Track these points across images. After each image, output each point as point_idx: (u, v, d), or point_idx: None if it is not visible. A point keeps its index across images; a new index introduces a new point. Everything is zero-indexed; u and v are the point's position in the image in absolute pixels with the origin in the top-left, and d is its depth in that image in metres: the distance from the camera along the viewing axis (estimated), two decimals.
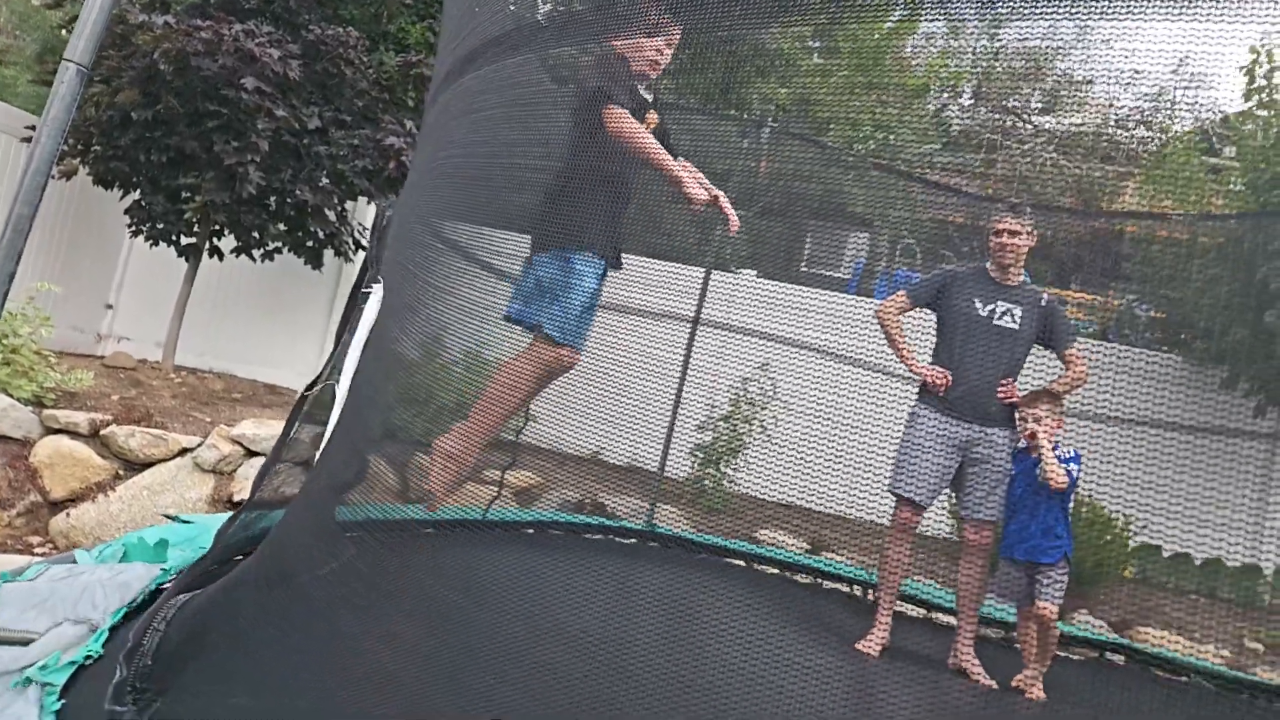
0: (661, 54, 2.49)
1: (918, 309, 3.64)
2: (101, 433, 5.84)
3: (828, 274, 6.78)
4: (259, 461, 5.94)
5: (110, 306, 8.67)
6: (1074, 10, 2.04)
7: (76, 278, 8.04)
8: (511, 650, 2.01)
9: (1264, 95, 5.15)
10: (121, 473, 5.83)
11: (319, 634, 2.19)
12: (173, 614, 2.09)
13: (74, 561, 2.80)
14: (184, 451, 5.95)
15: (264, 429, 6.02)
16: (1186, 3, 1.61)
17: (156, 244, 7.11)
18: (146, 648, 1.96)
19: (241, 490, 5.79)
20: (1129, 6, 1.61)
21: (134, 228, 7.07)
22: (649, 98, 2.56)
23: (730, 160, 5.06)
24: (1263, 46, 4.90)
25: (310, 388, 4.42)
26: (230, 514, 4.56)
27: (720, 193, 2.42)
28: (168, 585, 2.59)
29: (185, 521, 4.16)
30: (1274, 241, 4.42)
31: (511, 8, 2.88)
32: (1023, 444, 3.37)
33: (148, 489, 5.65)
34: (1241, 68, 5.08)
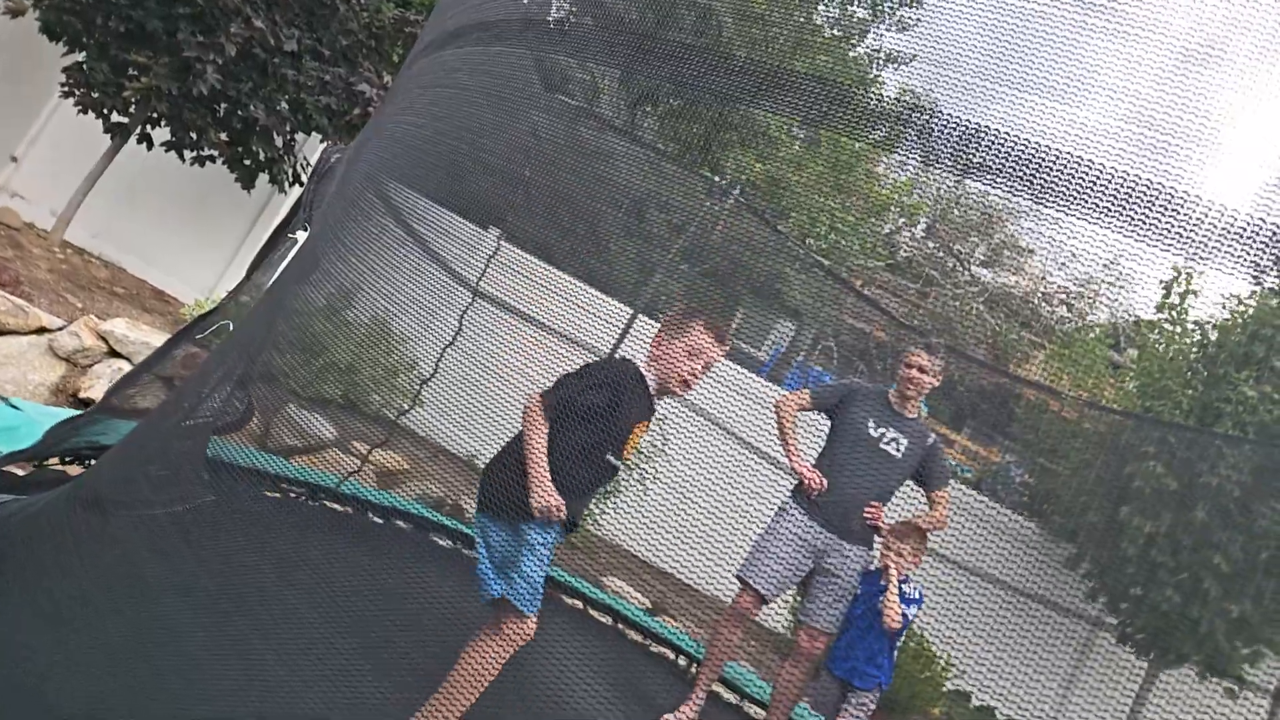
0: (696, 376, 2.42)
1: (816, 411, 3.72)
2: None
3: (748, 350, 6.90)
4: (120, 363, 5.59)
5: (15, 159, 8.10)
6: (1030, 186, 2.15)
7: None
8: (305, 642, 1.91)
9: (1174, 312, 5.53)
10: None
11: (117, 567, 2.06)
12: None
13: None
14: (43, 330, 5.56)
15: (136, 332, 5.68)
16: (1121, 217, 1.71)
17: (85, 112, 6.69)
18: None
19: (91, 388, 5.43)
20: (1071, 205, 1.70)
21: (67, 89, 6.64)
22: (655, 408, 2.46)
23: (690, 213, 5.11)
24: (1185, 267, 5.27)
25: (207, 316, 4.19)
26: (71, 413, 4.27)
27: (561, 505, 2.26)
28: None
29: (14, 407, 3.86)
30: (1146, 444, 4.71)
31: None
32: (874, 567, 3.45)
33: None
34: (1162, 281, 5.44)
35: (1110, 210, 2.01)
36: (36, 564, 2.10)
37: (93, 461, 3.15)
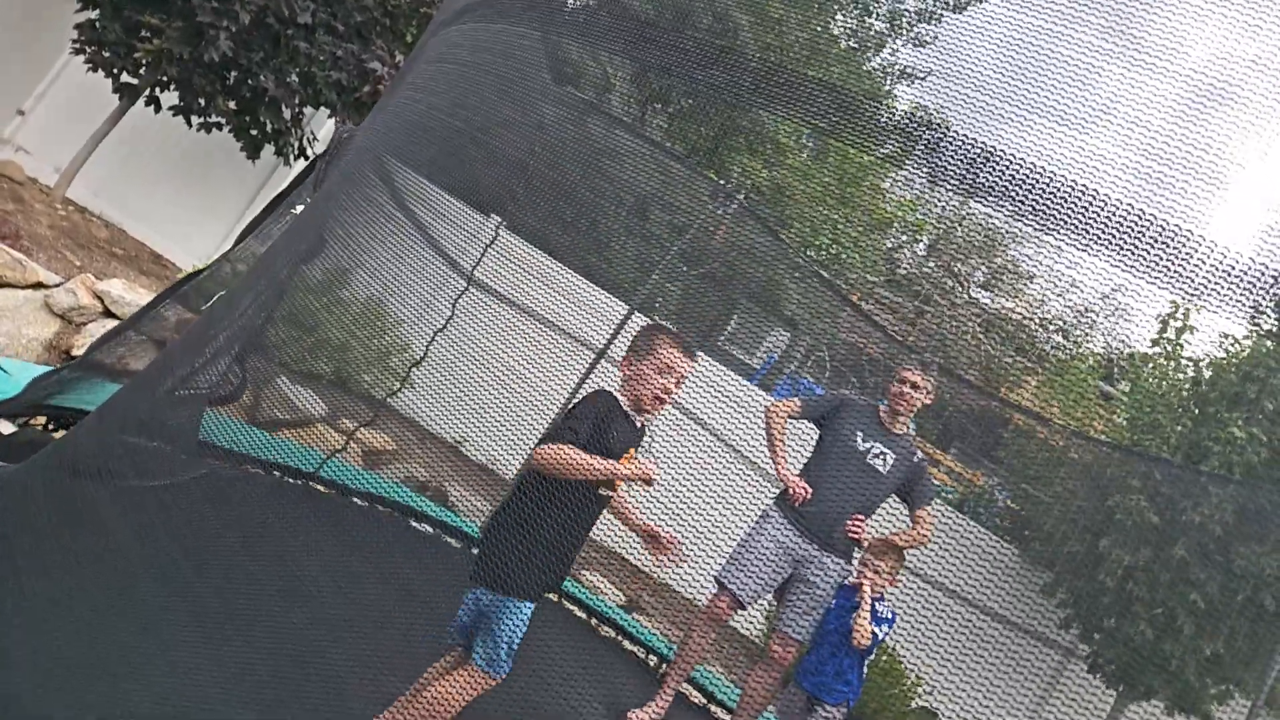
0: (669, 392, 2.41)
1: (805, 420, 3.71)
2: None
3: (740, 357, 6.88)
4: (114, 324, 5.58)
5: (22, 113, 8.06)
6: (1034, 212, 2.15)
7: None
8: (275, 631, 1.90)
9: (1169, 348, 5.53)
10: None
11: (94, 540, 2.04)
12: None
13: None
14: (40, 286, 5.54)
15: (133, 294, 5.66)
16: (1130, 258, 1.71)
17: (95, 71, 6.66)
18: None
19: (84, 346, 5.41)
20: (1071, 233, 1.71)
21: (78, 45, 6.61)
22: (640, 426, 2.46)
23: (694, 214, 5.10)
24: (1182, 304, 5.27)
25: (194, 277, 4.16)
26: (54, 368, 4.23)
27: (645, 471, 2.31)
28: None
29: (3, 370, 3.84)
30: (1132, 478, 4.71)
31: None
32: (851, 581, 3.44)
33: None
34: (1158, 316, 5.44)
35: (1111, 241, 2.01)
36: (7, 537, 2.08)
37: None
